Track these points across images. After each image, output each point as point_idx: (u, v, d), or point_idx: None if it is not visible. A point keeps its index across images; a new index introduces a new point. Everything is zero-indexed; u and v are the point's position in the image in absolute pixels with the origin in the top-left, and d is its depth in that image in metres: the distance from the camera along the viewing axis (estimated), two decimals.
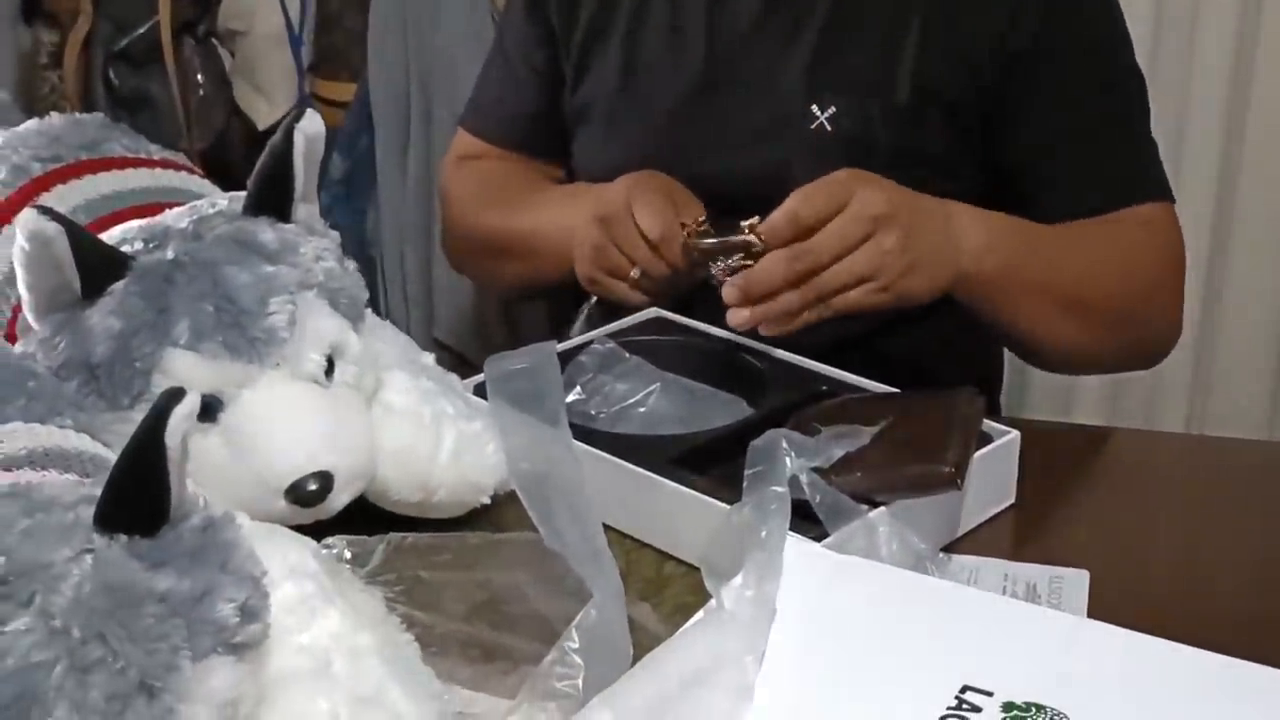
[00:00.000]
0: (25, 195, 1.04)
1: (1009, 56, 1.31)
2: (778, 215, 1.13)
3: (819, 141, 1.32)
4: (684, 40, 1.38)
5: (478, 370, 1.08)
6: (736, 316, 1.14)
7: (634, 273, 1.27)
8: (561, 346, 1.15)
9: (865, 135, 1.32)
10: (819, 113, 1.32)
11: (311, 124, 0.94)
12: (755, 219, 1.14)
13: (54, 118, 1.16)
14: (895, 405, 1.06)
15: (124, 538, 0.64)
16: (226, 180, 1.67)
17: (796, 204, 1.13)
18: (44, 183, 1.06)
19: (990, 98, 1.32)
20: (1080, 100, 1.33)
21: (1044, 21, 1.31)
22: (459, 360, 2.03)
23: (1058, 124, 1.33)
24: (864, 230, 1.13)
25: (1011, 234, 1.26)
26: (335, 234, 0.99)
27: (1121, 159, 1.35)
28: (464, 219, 1.54)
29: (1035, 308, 1.27)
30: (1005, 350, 1.60)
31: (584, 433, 1.04)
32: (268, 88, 2.20)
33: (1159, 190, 1.36)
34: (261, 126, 2.21)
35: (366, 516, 0.94)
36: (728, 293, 1.14)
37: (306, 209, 0.96)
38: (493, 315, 2.16)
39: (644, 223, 1.24)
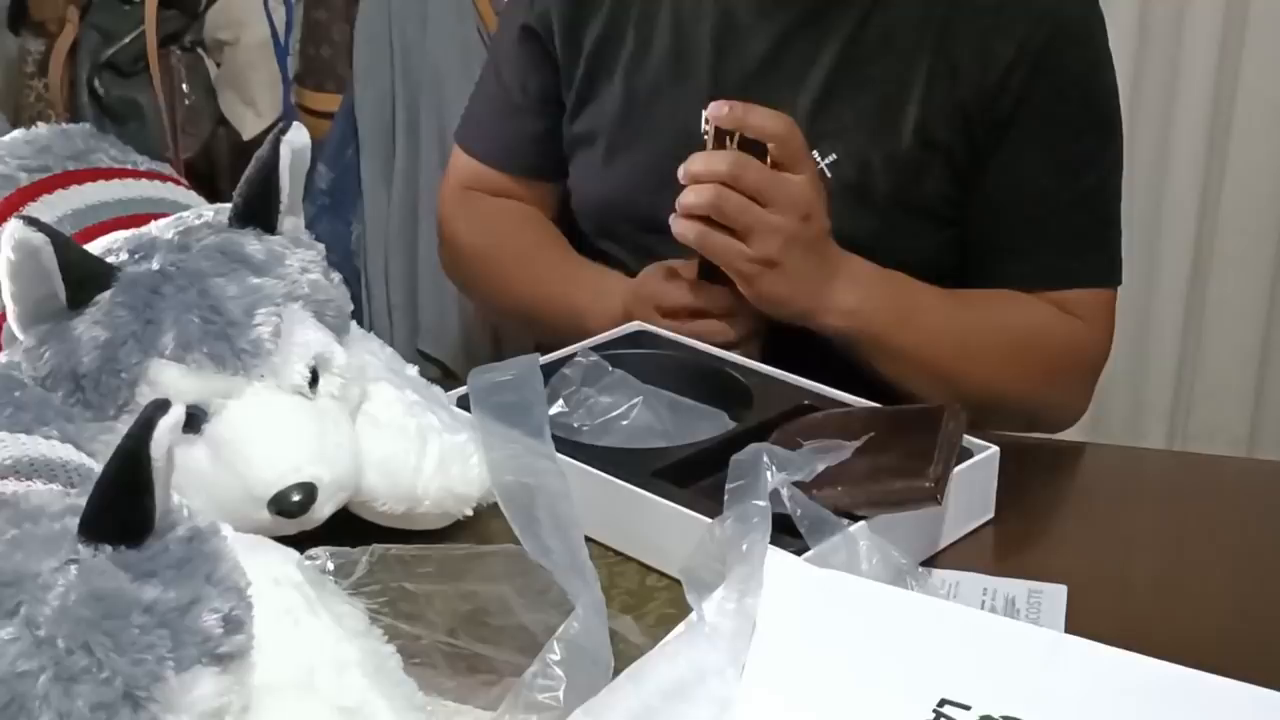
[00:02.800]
0: (12, 205, 1.05)
1: (997, 113, 1.31)
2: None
3: None
4: (688, 73, 1.38)
5: (461, 382, 1.09)
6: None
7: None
8: (545, 359, 1.15)
9: (864, 182, 1.33)
10: (819, 158, 1.32)
11: (298, 136, 0.94)
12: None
13: (41, 128, 1.16)
14: (877, 420, 1.06)
15: (109, 548, 0.65)
16: (212, 190, 1.67)
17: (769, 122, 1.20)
18: (31, 192, 1.06)
19: (979, 152, 1.33)
20: (1045, 170, 1.33)
21: (1029, 83, 1.30)
22: (443, 371, 2.03)
23: (1016, 189, 1.33)
24: (786, 203, 1.19)
25: (888, 301, 1.27)
26: (321, 246, 0.99)
27: (1070, 239, 1.35)
28: (485, 275, 1.54)
29: (903, 373, 1.28)
30: None
31: (567, 445, 1.04)
32: (253, 98, 2.21)
33: (1103, 277, 1.37)
34: (247, 136, 2.21)
35: (350, 528, 0.94)
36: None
37: (292, 221, 0.97)
38: (477, 327, 2.16)
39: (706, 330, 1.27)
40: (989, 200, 1.34)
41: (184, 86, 2.17)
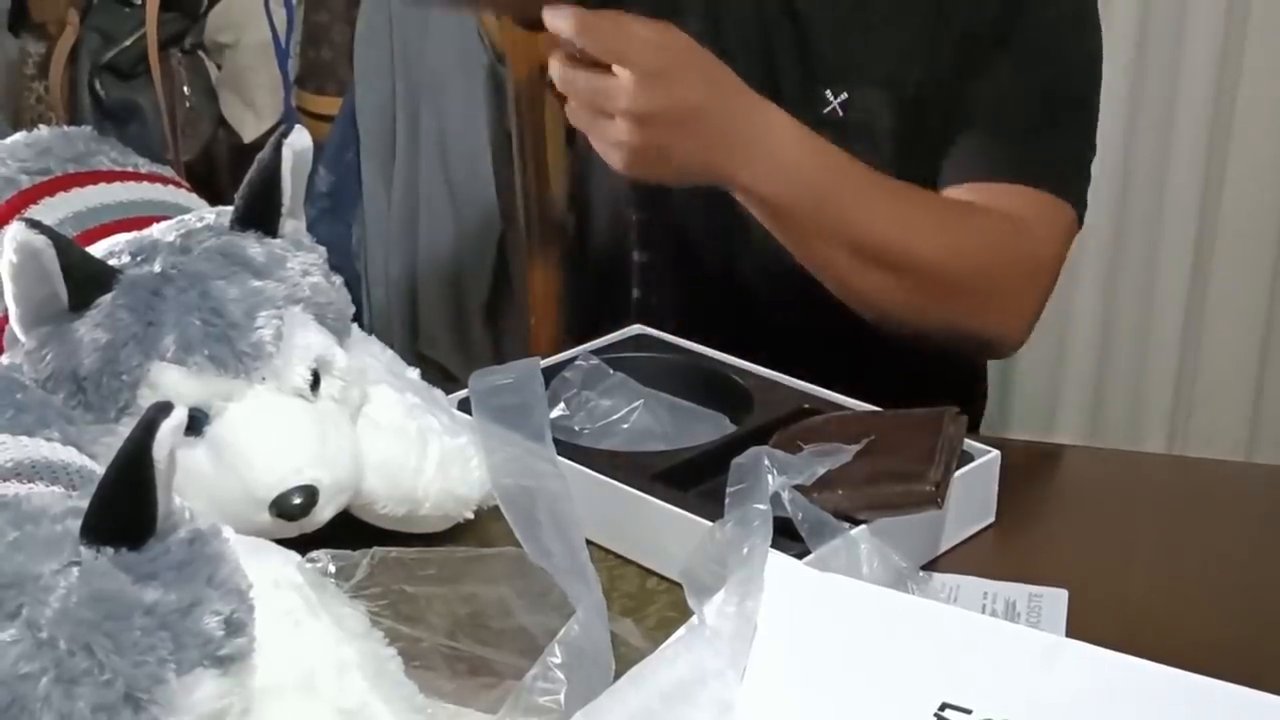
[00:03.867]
0: (13, 207, 1.05)
1: (981, 39, 1.32)
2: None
3: (830, 126, 1.31)
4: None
5: (462, 384, 1.08)
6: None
7: None
8: (546, 362, 1.16)
9: (871, 122, 1.34)
10: (831, 97, 1.34)
11: (299, 139, 0.94)
12: None
13: (42, 130, 1.16)
14: (878, 424, 1.07)
15: (111, 550, 0.65)
16: (212, 191, 1.67)
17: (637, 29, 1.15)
18: (32, 195, 1.06)
19: (960, 79, 1.34)
20: (1016, 80, 1.33)
21: (1017, 13, 1.32)
22: (443, 374, 2.03)
23: (997, 105, 1.33)
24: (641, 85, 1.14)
25: (823, 169, 1.22)
26: (322, 249, 0.99)
27: (1031, 140, 1.33)
28: None
29: (828, 249, 1.24)
30: (988, 373, 1.61)
31: (568, 448, 1.05)
32: (254, 100, 2.21)
33: (1068, 191, 1.33)
34: (247, 139, 2.21)
35: (351, 530, 0.94)
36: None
37: (293, 224, 0.97)
38: (477, 329, 2.16)
39: None
40: (967, 116, 1.34)
41: (184, 89, 2.18)
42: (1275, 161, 2.19)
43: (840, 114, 1.34)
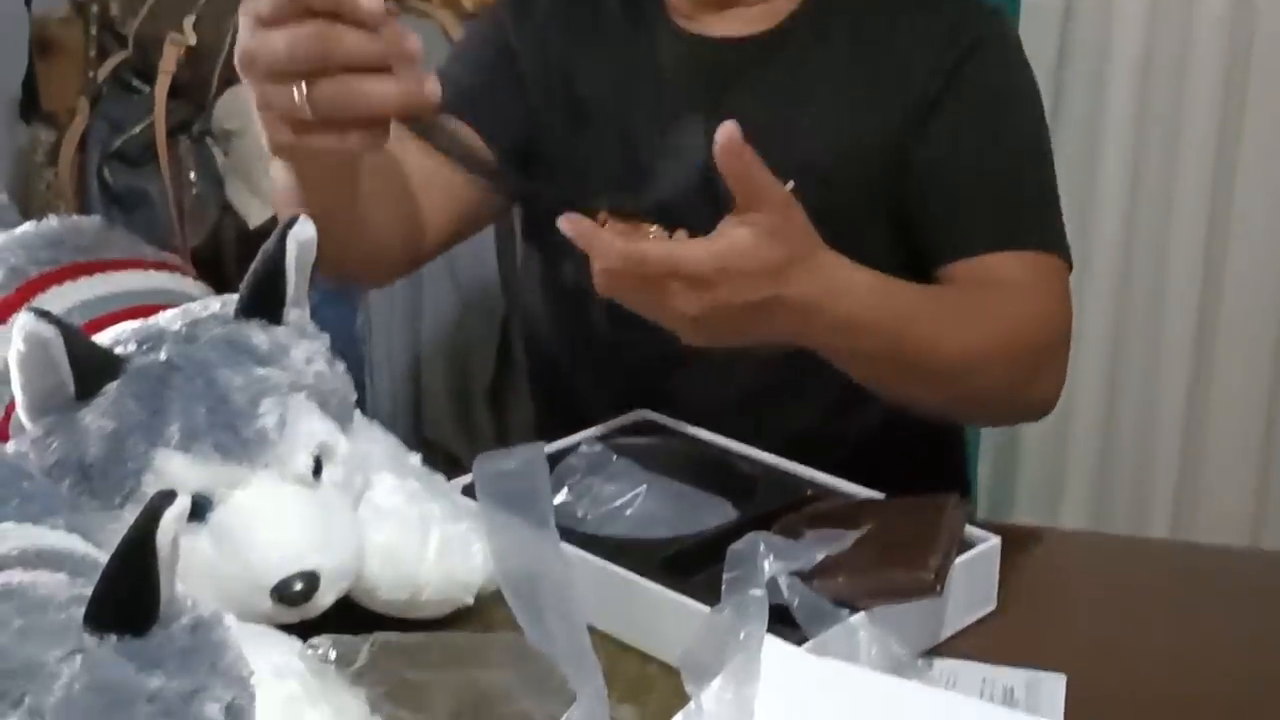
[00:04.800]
0: (23, 296, 1.06)
1: (923, 110, 1.34)
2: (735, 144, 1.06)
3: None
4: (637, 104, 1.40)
5: (465, 468, 1.09)
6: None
7: (296, 97, 0.91)
8: (550, 447, 1.16)
9: (820, 197, 1.32)
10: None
11: (304, 230, 0.96)
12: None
13: (52, 220, 1.18)
14: (879, 511, 1.07)
15: (114, 637, 0.65)
16: (217, 275, 1.67)
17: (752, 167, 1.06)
18: (41, 284, 1.08)
19: (901, 145, 1.35)
20: (975, 145, 1.35)
21: (951, 80, 1.34)
22: (447, 458, 2.04)
23: (953, 163, 1.35)
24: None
25: (893, 311, 1.18)
26: (325, 336, 1.00)
27: (1012, 205, 1.35)
28: None
29: (891, 376, 1.22)
30: (992, 458, 1.62)
31: (571, 534, 1.05)
32: (260, 186, 2.22)
33: (1053, 243, 1.35)
34: (253, 224, 2.22)
35: (353, 616, 0.95)
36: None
37: (298, 312, 0.98)
38: (481, 412, 2.17)
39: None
40: (924, 185, 1.35)
41: (191, 175, 2.19)
42: (1275, 247, 2.20)
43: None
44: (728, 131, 1.04)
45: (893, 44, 1.37)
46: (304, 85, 0.90)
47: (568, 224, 1.02)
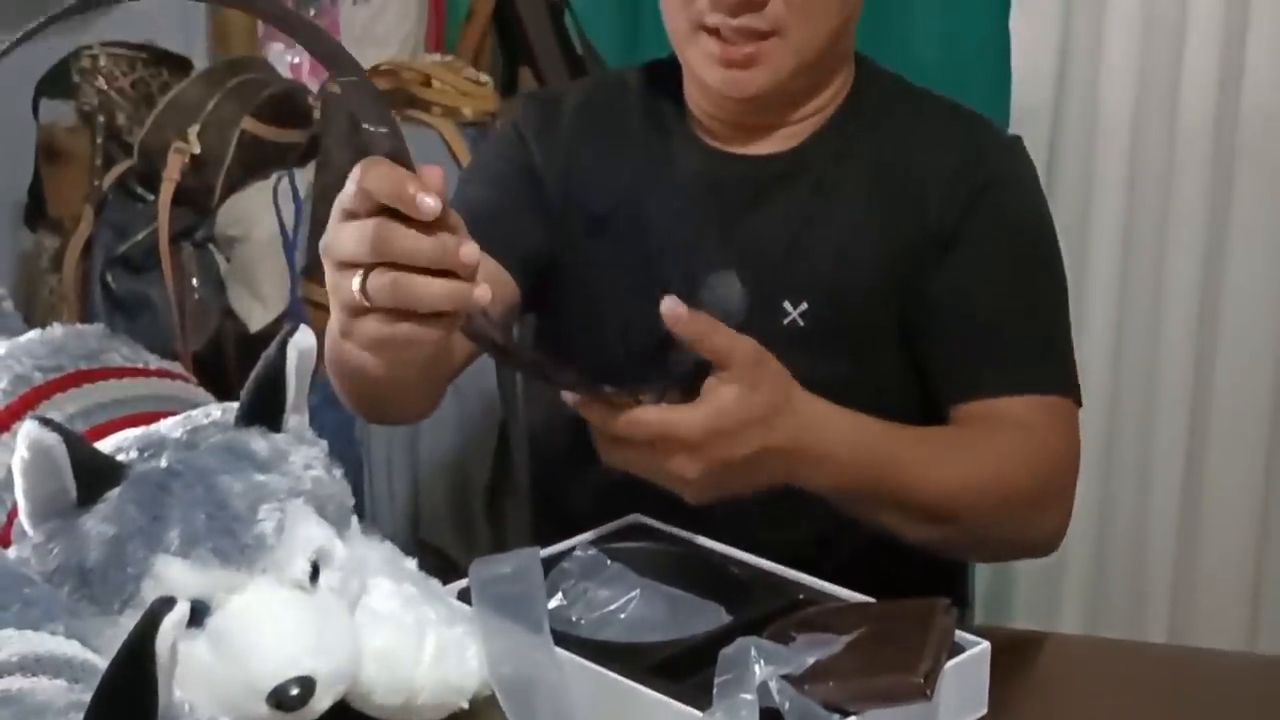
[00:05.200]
0: (26, 403, 1.08)
1: (938, 248, 1.37)
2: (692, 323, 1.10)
3: (791, 337, 1.35)
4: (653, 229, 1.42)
5: (462, 571, 1.10)
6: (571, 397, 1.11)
7: (354, 286, 0.95)
8: (545, 552, 1.17)
9: (832, 327, 1.37)
10: (790, 308, 1.37)
11: (304, 339, 0.98)
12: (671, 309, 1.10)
13: (56, 328, 1.20)
14: (870, 615, 1.08)
15: None
16: (218, 379, 1.68)
17: (710, 332, 1.11)
18: (44, 391, 1.09)
19: (914, 275, 1.37)
20: (988, 285, 1.37)
21: (966, 218, 1.36)
22: (444, 560, 2.04)
23: (961, 305, 1.37)
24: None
25: (872, 448, 1.23)
26: (323, 443, 1.02)
27: (1022, 348, 1.37)
28: None
29: (885, 514, 1.26)
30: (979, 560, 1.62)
31: (566, 639, 1.06)
32: (261, 292, 2.24)
33: (1063, 386, 1.37)
34: (254, 329, 2.24)
35: (349, 719, 0.95)
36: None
37: (297, 418, 1.00)
38: (479, 514, 2.17)
39: (373, 184, 0.93)
40: (938, 320, 1.38)
41: (194, 281, 2.21)
42: (1265, 355, 2.21)
43: (801, 324, 1.37)
44: (668, 308, 1.09)
45: (910, 174, 1.39)
46: (363, 275, 0.95)
47: (571, 398, 1.09)
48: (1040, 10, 2.21)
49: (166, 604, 0.66)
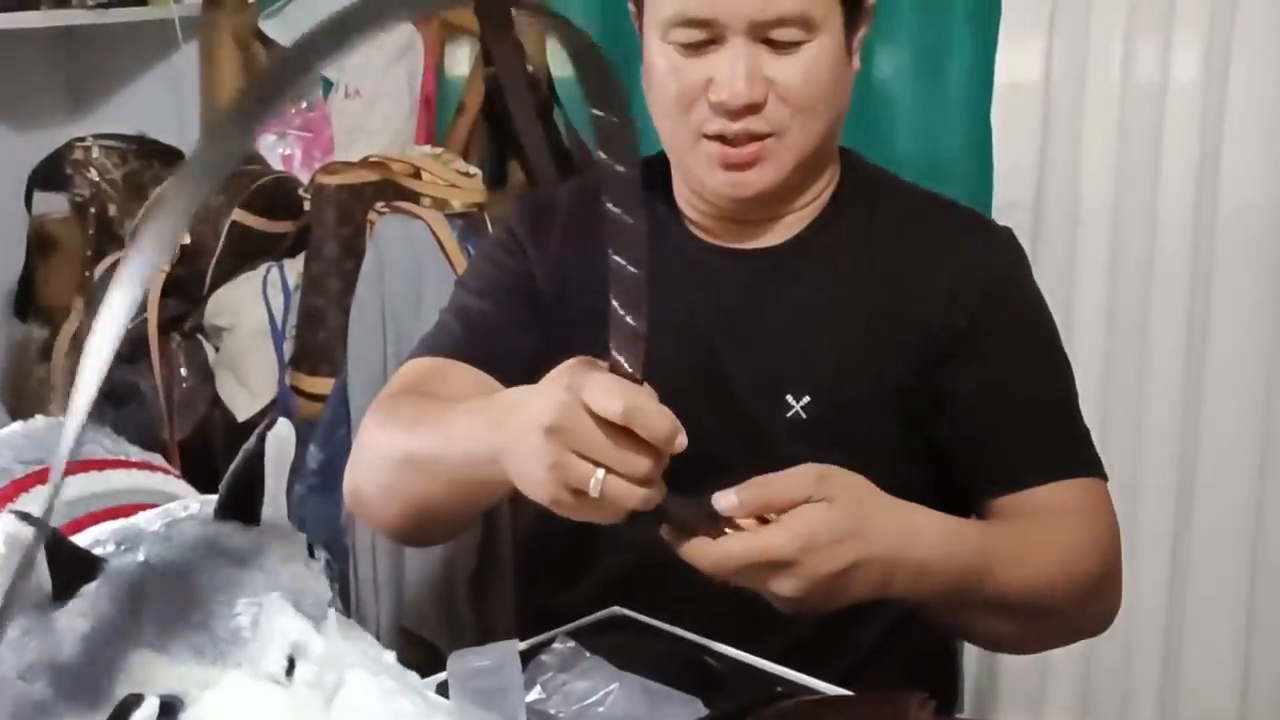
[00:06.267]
0: (6, 497, 1.08)
1: (945, 347, 1.39)
2: (750, 500, 1.13)
3: (796, 430, 1.38)
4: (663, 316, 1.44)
5: (445, 660, 1.10)
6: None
7: (594, 482, 1.06)
8: (524, 645, 1.18)
9: (838, 420, 1.39)
10: (794, 401, 1.38)
11: (283, 430, 0.98)
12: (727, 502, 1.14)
13: (38, 420, 1.20)
14: (844, 707, 1.08)
15: None
16: (205, 466, 1.69)
17: (769, 495, 1.14)
18: (24, 484, 1.09)
19: (930, 379, 1.39)
20: (1013, 379, 1.40)
21: (973, 320, 1.39)
22: (426, 649, 2.04)
23: (990, 401, 1.39)
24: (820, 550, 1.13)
25: (966, 553, 1.25)
26: (302, 536, 1.02)
27: (1055, 436, 1.40)
28: (365, 437, 1.41)
29: (969, 617, 1.30)
30: (967, 650, 1.63)
31: None
32: (248, 381, 2.26)
33: (1096, 467, 1.41)
34: (241, 418, 2.26)
35: None
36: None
37: (274, 511, 1.00)
38: (463, 603, 2.17)
39: (600, 403, 1.04)
40: (967, 415, 1.40)
41: (182, 370, 2.23)
42: (1245, 448, 2.23)
43: (804, 417, 1.38)
44: (725, 506, 1.13)
45: (911, 267, 1.42)
46: (602, 473, 1.05)
47: (669, 533, 1.14)
48: (1021, 105, 2.24)
49: (135, 700, 0.67)
